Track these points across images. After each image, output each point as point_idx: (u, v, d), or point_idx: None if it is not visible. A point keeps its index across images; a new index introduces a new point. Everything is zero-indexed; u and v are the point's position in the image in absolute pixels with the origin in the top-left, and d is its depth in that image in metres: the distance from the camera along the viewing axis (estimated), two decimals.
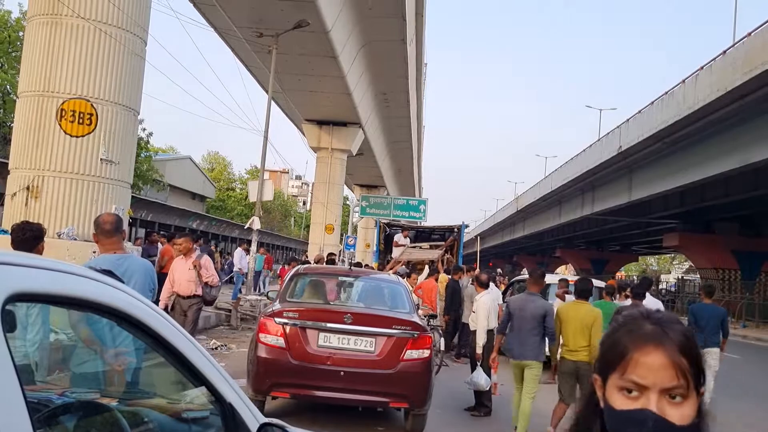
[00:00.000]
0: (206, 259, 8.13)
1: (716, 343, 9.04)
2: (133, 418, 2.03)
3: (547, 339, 6.82)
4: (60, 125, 9.93)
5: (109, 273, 1.78)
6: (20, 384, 1.32)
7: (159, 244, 14.20)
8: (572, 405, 6.37)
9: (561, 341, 6.79)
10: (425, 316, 11.08)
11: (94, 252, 9.32)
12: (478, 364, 7.80)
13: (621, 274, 63.83)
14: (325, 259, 16.60)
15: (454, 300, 12.17)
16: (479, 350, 7.82)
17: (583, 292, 7.02)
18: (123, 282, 1.83)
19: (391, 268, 15.11)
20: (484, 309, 7.98)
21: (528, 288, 7.23)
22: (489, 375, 7.90)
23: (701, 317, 9.18)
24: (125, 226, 5.05)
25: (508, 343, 7.03)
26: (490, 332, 8.03)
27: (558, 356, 6.86)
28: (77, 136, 10.02)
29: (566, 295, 10.83)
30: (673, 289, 47.86)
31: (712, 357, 8.91)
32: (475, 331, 8.06)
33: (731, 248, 33.33)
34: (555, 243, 56.96)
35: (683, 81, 21.51)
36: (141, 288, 4.17)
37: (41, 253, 4.12)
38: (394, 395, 6.25)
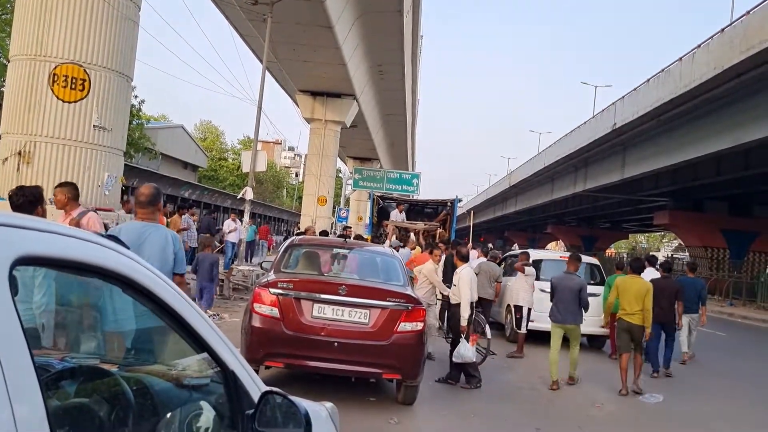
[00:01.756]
0: (90, 218, 5.89)
1: (696, 309, 10.90)
2: (134, 383, 2.03)
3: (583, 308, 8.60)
4: (52, 90, 9.81)
5: (113, 238, 1.76)
6: (29, 349, 1.31)
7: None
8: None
9: (620, 306, 8.60)
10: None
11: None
12: (463, 336, 7.87)
13: (611, 251, 64.31)
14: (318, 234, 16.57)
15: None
16: (464, 323, 7.88)
17: (637, 268, 8.92)
18: (128, 248, 1.81)
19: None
20: (466, 282, 8.02)
21: (567, 268, 8.97)
22: None
23: (686, 288, 10.72)
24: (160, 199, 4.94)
25: (551, 311, 8.76)
26: (472, 304, 8.08)
27: (617, 317, 8.78)
28: (70, 102, 9.90)
29: (526, 267, 10.99)
30: None
31: (693, 320, 11.02)
32: (458, 304, 8.10)
33: (720, 227, 33.57)
34: (546, 219, 57.19)
35: (680, 59, 21.42)
36: (157, 253, 4.42)
37: (44, 217, 4.07)
38: (387, 367, 6.30)
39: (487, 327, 9.36)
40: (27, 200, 4.14)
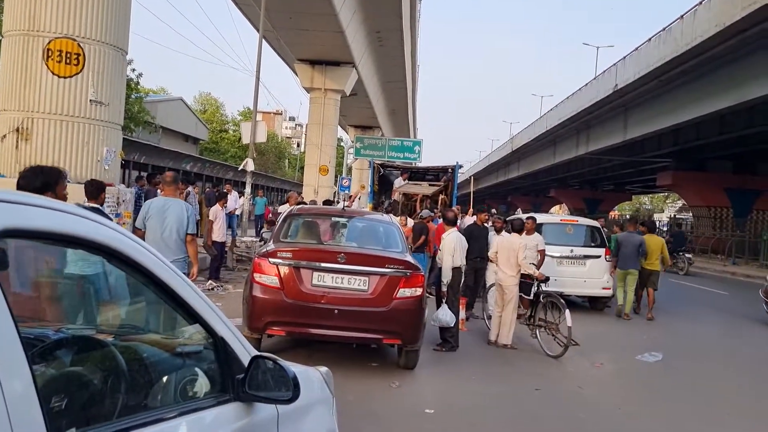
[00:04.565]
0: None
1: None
2: (129, 352, 2.08)
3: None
4: (47, 65, 9.75)
5: (96, 210, 1.79)
6: (14, 320, 1.35)
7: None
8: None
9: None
10: (536, 281, 8.71)
11: None
12: (444, 301, 7.94)
13: (614, 213, 64.29)
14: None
15: (474, 247, 9.70)
16: (444, 288, 7.95)
17: (652, 229, 12.71)
18: (110, 218, 1.85)
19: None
20: (449, 247, 8.05)
21: (627, 228, 12.35)
22: (456, 312, 8.04)
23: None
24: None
25: (619, 261, 11.65)
26: (456, 270, 8.11)
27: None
28: (65, 77, 9.85)
29: (535, 234, 11.01)
30: (665, 228, 48.30)
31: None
32: (440, 268, 8.17)
33: (724, 186, 33.49)
34: (549, 183, 57.08)
35: (681, 17, 21.12)
36: (176, 219, 6.16)
37: (65, 200, 4.05)
38: (388, 332, 6.39)
39: (567, 312, 7.96)
40: (44, 180, 4.20)
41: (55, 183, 4.10)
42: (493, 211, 29.43)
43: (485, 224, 11.13)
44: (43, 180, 4.10)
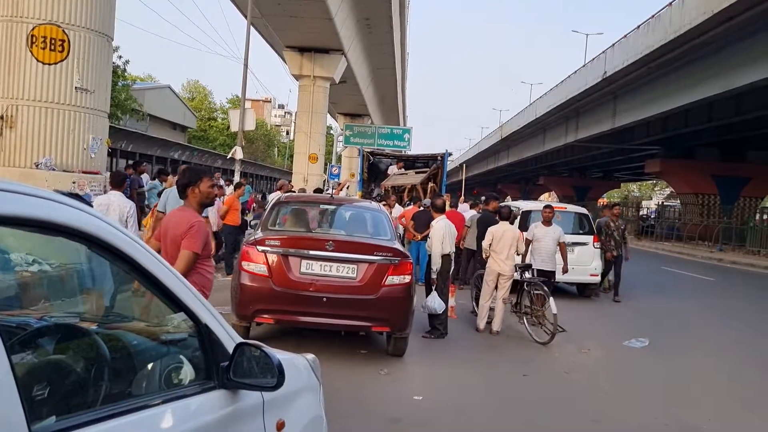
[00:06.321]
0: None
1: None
2: (112, 341, 2.07)
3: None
4: (31, 52, 9.65)
5: (76, 197, 1.77)
6: None
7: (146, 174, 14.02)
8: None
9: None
10: (520, 268, 8.83)
11: (74, 182, 9.27)
12: (434, 288, 7.95)
13: (603, 200, 64.51)
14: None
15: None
16: (434, 275, 7.96)
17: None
18: (91, 205, 1.82)
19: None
20: (438, 234, 8.03)
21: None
22: (446, 300, 8.05)
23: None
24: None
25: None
26: (445, 257, 8.11)
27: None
28: (50, 64, 9.76)
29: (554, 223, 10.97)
30: (653, 215, 48.62)
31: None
32: (430, 255, 8.17)
33: (711, 173, 33.69)
34: (538, 170, 57.22)
35: (670, 3, 21.13)
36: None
37: (206, 195, 4.37)
38: (376, 320, 6.39)
39: (552, 300, 8.02)
40: (181, 184, 4.42)
41: (198, 180, 4.35)
42: (483, 198, 29.34)
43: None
44: (188, 177, 4.39)
